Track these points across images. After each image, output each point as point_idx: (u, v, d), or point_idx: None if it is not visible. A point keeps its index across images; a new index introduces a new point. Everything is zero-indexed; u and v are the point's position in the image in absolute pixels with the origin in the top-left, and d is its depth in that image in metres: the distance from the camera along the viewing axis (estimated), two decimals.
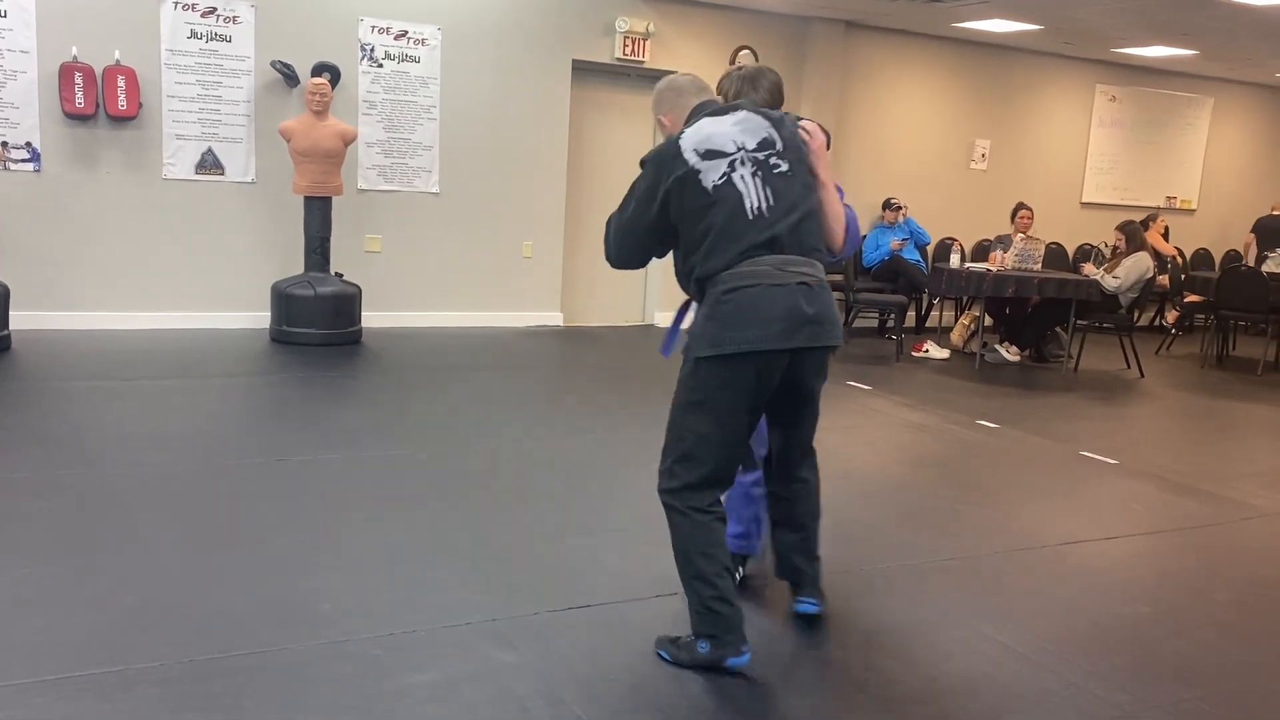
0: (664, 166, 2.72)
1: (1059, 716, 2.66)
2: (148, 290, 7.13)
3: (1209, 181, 11.94)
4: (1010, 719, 2.63)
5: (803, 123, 2.91)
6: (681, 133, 2.77)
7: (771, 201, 2.69)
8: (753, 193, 2.68)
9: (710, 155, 2.69)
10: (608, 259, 2.92)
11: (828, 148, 2.97)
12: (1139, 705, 2.74)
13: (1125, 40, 9.43)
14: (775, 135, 2.78)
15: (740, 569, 3.32)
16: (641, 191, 2.77)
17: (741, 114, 2.79)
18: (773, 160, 2.73)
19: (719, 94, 3.01)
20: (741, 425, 2.73)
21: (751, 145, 2.72)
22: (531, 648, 2.80)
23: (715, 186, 2.67)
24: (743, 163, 2.69)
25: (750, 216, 2.66)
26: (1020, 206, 8.86)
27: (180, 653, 2.67)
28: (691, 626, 2.76)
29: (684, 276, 2.81)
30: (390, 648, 2.78)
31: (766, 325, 2.63)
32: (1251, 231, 10.92)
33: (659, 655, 2.82)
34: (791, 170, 2.75)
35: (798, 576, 3.04)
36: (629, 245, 2.86)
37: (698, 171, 2.68)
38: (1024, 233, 8.48)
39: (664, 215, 2.74)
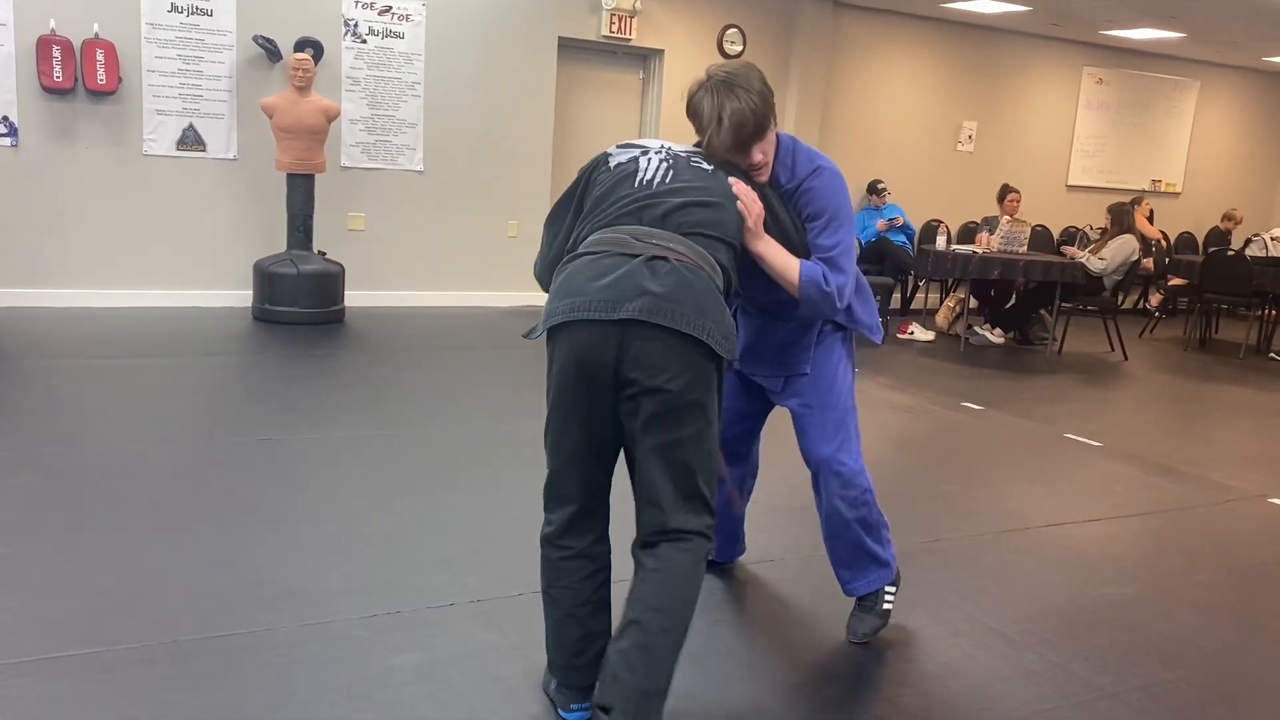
0: (583, 169, 2.51)
1: (1042, 697, 2.67)
2: (128, 268, 7.06)
3: (1194, 165, 11.98)
4: (993, 700, 2.64)
5: (737, 187, 2.43)
6: None
7: (667, 180, 2.31)
8: (651, 168, 2.34)
9: (626, 147, 2.47)
10: (536, 276, 2.66)
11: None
12: (1121, 686, 2.75)
13: (1113, 22, 9.42)
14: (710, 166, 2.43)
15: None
16: (563, 193, 2.53)
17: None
18: (694, 160, 2.41)
19: (689, 110, 2.51)
20: (572, 437, 2.22)
21: (679, 149, 2.45)
22: (516, 629, 2.80)
23: (619, 164, 2.39)
24: (658, 152, 2.40)
25: (635, 185, 2.31)
26: (1008, 190, 8.86)
27: (163, 633, 2.65)
28: None
29: None
30: (374, 629, 2.77)
31: (587, 293, 2.12)
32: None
33: None
34: (713, 173, 2.39)
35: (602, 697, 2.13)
36: (550, 252, 2.54)
37: (609, 156, 2.46)
38: (1011, 215, 8.49)
39: (579, 205, 2.44)
